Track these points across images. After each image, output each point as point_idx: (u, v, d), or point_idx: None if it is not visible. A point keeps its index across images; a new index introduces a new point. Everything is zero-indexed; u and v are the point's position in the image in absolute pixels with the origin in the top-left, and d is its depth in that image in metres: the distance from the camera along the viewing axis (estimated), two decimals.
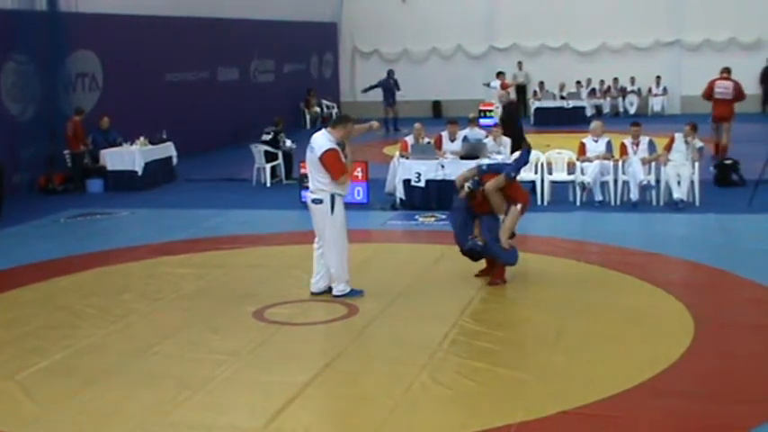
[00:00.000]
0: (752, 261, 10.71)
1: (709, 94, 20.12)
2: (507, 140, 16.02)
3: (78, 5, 18.07)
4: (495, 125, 17.09)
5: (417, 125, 15.89)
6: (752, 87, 28.91)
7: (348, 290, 9.69)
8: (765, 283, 9.69)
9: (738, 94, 19.85)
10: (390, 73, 26.37)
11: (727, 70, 20.51)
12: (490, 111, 25.38)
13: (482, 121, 22.26)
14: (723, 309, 9.05)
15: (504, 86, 25.49)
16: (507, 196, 9.93)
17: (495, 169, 10.11)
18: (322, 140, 9.54)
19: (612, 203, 14.59)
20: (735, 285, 9.86)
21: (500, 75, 26.64)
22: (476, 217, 10.05)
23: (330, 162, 9.42)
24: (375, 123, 10.80)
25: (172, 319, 9.13)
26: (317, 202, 9.59)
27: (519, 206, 9.91)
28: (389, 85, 26.70)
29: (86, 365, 7.82)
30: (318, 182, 9.54)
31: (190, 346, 8.27)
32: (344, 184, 9.68)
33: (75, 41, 18.47)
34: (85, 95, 19.08)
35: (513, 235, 10.01)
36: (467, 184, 10.02)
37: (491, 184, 9.80)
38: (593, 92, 30.58)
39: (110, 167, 17.68)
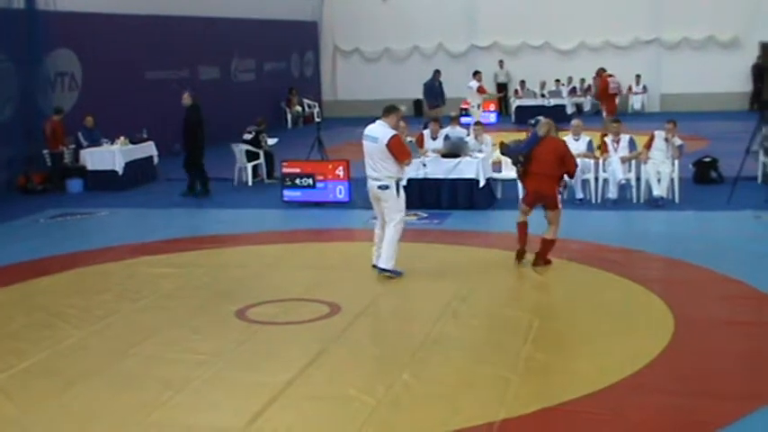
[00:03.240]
0: (731, 258, 10.78)
1: (604, 89, 20.97)
2: (489, 139, 16.06)
3: (56, 4, 17.97)
4: (476, 123, 17.11)
5: (401, 123, 15.85)
6: (734, 85, 29.19)
7: (392, 266, 10.28)
8: (744, 280, 9.76)
9: (620, 89, 20.96)
10: (436, 74, 26.01)
11: (604, 69, 21.44)
12: (467, 110, 25.40)
13: (463, 119, 22.28)
14: (703, 305, 9.11)
15: (480, 90, 25.47)
16: None
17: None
18: (382, 129, 10.27)
19: (593, 201, 14.64)
20: (714, 282, 9.92)
21: (477, 74, 26.60)
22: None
23: (397, 147, 10.20)
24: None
25: (153, 319, 9.10)
26: (384, 187, 10.28)
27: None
28: (434, 86, 26.45)
29: (67, 366, 7.78)
30: (385, 169, 10.24)
31: (171, 346, 8.24)
32: (406, 168, 10.64)
33: (53, 40, 18.36)
34: (65, 95, 18.98)
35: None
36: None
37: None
38: (573, 90, 30.69)
39: (90, 167, 17.61)
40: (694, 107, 28.29)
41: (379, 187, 10.30)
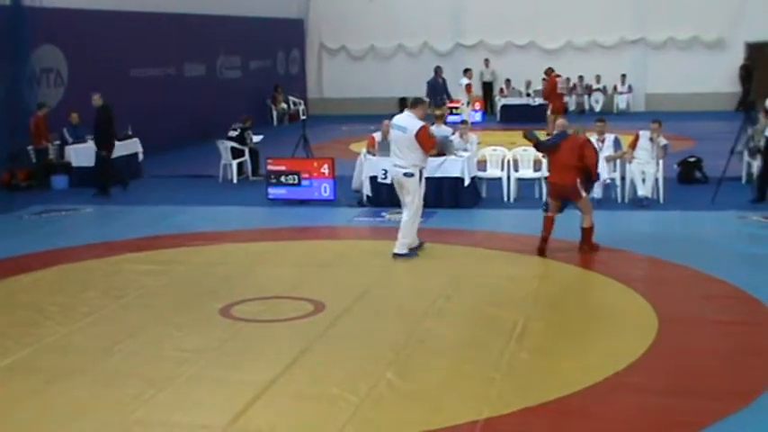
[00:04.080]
0: (715, 257, 10.83)
1: (552, 89, 21.67)
2: (474, 138, 16.07)
3: (42, 0, 17.87)
4: (462, 122, 17.12)
5: (386, 122, 15.81)
6: (720, 86, 29.29)
7: (406, 252, 10.98)
8: (728, 280, 9.80)
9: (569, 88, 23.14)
10: (438, 70, 25.89)
11: (553, 69, 23.22)
12: (457, 108, 25.43)
13: (451, 117, 22.27)
14: (686, 305, 9.15)
15: (468, 89, 25.49)
16: None
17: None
18: (410, 120, 10.87)
19: None
20: (698, 281, 9.96)
21: (467, 71, 26.66)
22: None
23: (424, 138, 10.81)
24: None
25: (136, 316, 9.06)
26: (409, 175, 10.89)
27: None
28: (437, 84, 26.37)
29: (49, 364, 7.75)
30: (411, 158, 10.85)
31: (154, 343, 8.22)
32: (429, 158, 11.42)
33: (39, 36, 18.25)
34: (50, 91, 18.87)
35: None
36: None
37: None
38: None
39: (75, 163, 17.53)
40: (679, 107, 28.37)
41: (404, 174, 10.91)
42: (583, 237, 11.33)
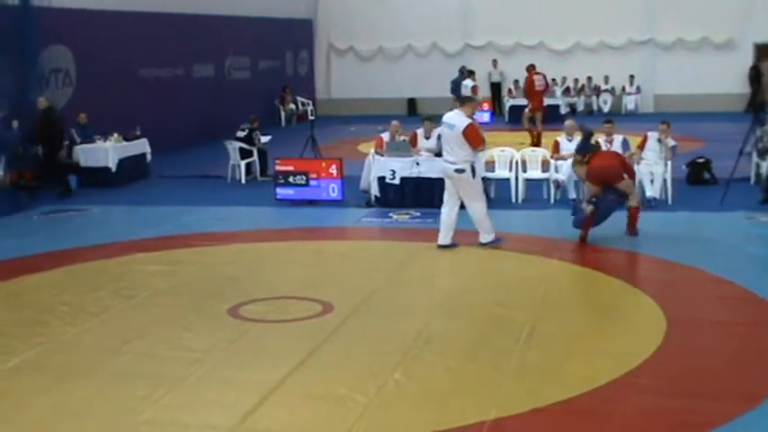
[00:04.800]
0: (723, 259, 10.81)
1: (530, 86, 21.94)
2: None
3: (51, 0, 17.91)
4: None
5: (395, 122, 15.89)
6: (728, 87, 29.22)
7: (492, 238, 11.46)
8: (736, 281, 9.78)
9: (547, 86, 23.50)
10: (462, 70, 25.89)
11: (534, 66, 23.38)
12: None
13: None
14: (695, 306, 9.13)
15: (474, 90, 25.47)
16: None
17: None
18: (459, 118, 11.30)
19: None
20: (706, 283, 9.94)
21: (471, 74, 26.57)
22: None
23: (472, 134, 11.18)
24: None
25: (145, 316, 9.09)
26: (460, 171, 11.27)
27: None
28: (461, 83, 26.49)
29: (58, 363, 7.77)
30: (461, 154, 11.22)
31: (163, 343, 8.24)
32: (481, 152, 11.82)
33: (48, 36, 18.29)
34: (59, 91, 18.92)
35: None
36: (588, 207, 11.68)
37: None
38: (567, 90, 30.70)
39: (83, 164, 17.54)
40: (688, 108, 28.30)
41: (455, 170, 11.28)
42: (629, 219, 11.84)
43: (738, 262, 10.71)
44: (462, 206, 11.45)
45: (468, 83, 25.89)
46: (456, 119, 11.33)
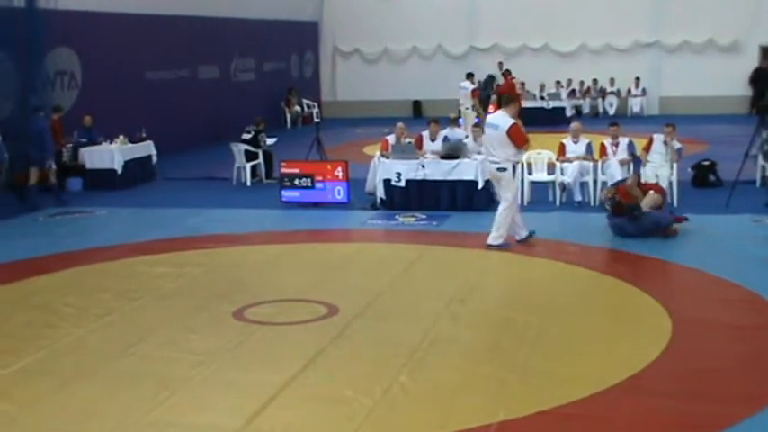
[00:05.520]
0: (728, 261, 10.79)
1: (511, 91, 22.42)
2: None
3: (57, 2, 17.93)
4: (475, 125, 17.11)
5: (400, 125, 15.89)
6: (734, 89, 29.23)
7: (501, 243, 11.64)
8: (742, 284, 9.77)
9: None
10: (493, 75, 26.30)
11: (510, 72, 24.56)
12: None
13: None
14: (700, 308, 9.11)
15: (474, 93, 25.43)
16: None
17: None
18: (503, 118, 11.56)
19: (592, 204, 14.65)
20: (712, 285, 9.93)
21: (470, 76, 26.48)
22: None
23: (516, 134, 11.47)
24: None
25: (151, 318, 9.09)
26: (502, 170, 11.58)
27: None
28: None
29: (64, 365, 7.78)
30: (504, 154, 11.52)
31: (169, 345, 8.24)
32: (523, 153, 12.19)
33: (53, 39, 18.31)
34: (64, 93, 18.96)
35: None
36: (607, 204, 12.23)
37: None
38: (572, 92, 30.71)
39: (89, 166, 17.58)
40: (694, 110, 28.28)
41: (498, 169, 11.60)
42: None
43: (744, 264, 10.69)
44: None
45: (466, 85, 25.79)
46: (500, 119, 11.61)
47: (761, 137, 15.30)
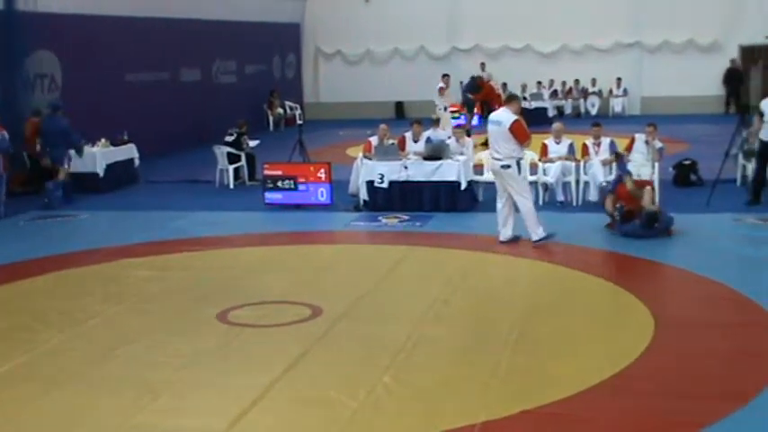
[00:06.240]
0: (711, 260, 10.85)
1: (492, 92, 24.68)
2: (470, 141, 16.10)
3: (37, 5, 17.86)
4: (459, 126, 17.15)
5: (383, 126, 15.91)
6: (715, 89, 29.44)
7: (544, 235, 11.71)
8: (724, 282, 9.82)
9: None
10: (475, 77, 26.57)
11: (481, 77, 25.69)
12: (456, 111, 25.36)
13: (453, 122, 22.23)
14: (682, 307, 9.17)
15: (440, 91, 25.36)
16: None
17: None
18: (506, 115, 11.76)
19: (574, 203, 14.71)
20: (694, 284, 9.98)
21: (445, 76, 26.40)
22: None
23: (519, 130, 11.62)
24: None
25: (134, 322, 9.06)
26: (506, 167, 11.66)
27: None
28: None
29: (47, 370, 7.74)
30: (507, 150, 11.62)
31: (152, 349, 8.21)
32: (526, 149, 12.28)
33: (33, 41, 18.24)
34: (44, 96, 18.84)
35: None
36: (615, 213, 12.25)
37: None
38: (554, 93, 30.81)
39: (71, 169, 17.46)
40: (675, 110, 28.43)
41: (502, 166, 11.68)
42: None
43: (726, 263, 10.76)
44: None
45: (441, 84, 25.74)
46: (503, 116, 11.78)
47: (741, 136, 15.40)
